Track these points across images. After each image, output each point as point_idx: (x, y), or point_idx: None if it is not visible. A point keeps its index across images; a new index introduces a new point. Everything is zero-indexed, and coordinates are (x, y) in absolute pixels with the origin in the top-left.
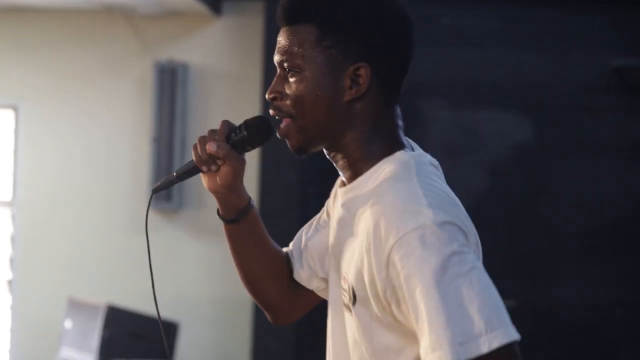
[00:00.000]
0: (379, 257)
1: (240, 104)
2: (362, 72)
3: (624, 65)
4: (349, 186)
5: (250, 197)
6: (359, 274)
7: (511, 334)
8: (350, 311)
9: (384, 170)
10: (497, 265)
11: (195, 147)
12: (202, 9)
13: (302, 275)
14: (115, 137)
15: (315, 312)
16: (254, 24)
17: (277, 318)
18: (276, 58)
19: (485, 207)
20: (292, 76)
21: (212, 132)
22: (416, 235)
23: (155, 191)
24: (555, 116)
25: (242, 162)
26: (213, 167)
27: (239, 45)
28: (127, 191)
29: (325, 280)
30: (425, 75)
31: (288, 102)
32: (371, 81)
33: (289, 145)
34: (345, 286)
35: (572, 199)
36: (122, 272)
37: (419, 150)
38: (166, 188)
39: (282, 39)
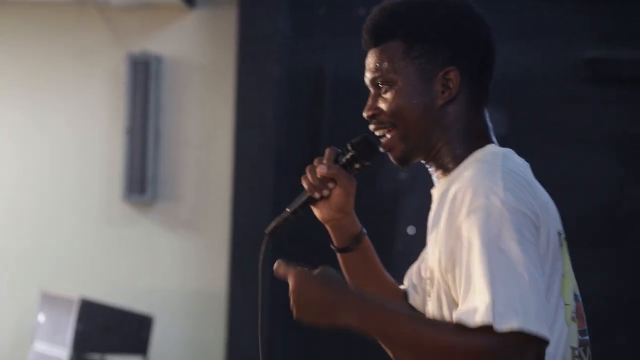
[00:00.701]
0: (452, 226)
1: (214, 96)
2: (451, 75)
3: (597, 56)
4: (441, 182)
5: (362, 226)
6: (435, 257)
7: (543, 330)
8: (430, 296)
9: (473, 159)
10: None
11: (305, 177)
12: (176, 0)
13: (417, 299)
14: (89, 130)
15: (288, 307)
16: (228, 16)
17: None
18: (368, 77)
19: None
20: (386, 91)
21: (319, 159)
22: (484, 211)
23: (271, 233)
24: (529, 107)
25: (353, 182)
26: (325, 192)
27: (213, 38)
28: (101, 184)
29: None
30: None
31: (387, 115)
32: (460, 83)
33: (392, 158)
34: (428, 274)
35: (546, 190)
36: (96, 266)
37: (510, 150)
38: (283, 227)
39: (370, 60)
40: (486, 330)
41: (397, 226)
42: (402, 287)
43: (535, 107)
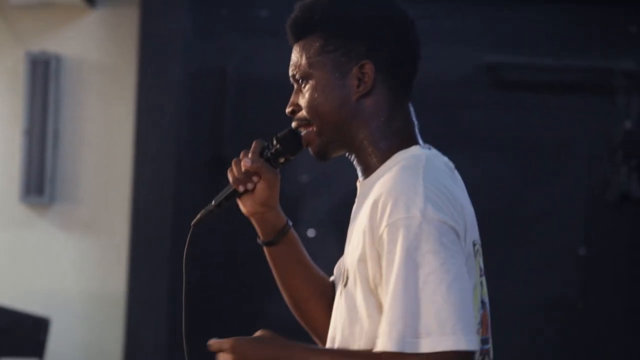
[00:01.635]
0: (370, 239)
1: (115, 96)
2: (366, 69)
3: (497, 61)
4: (365, 180)
5: (287, 218)
6: (354, 258)
7: (461, 343)
8: (340, 294)
9: (395, 161)
10: None
11: (230, 169)
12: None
13: None
14: None
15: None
16: (129, 15)
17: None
18: (290, 73)
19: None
20: (304, 87)
21: (245, 152)
22: (404, 224)
23: (195, 225)
24: (430, 112)
25: (277, 176)
26: (249, 185)
27: (114, 37)
28: None
29: None
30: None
31: (304, 111)
32: (376, 77)
33: (311, 152)
34: (343, 268)
35: None
36: None
37: (435, 151)
38: (207, 219)
39: (293, 55)
40: (408, 356)
41: (297, 229)
42: (331, 278)
43: (436, 111)
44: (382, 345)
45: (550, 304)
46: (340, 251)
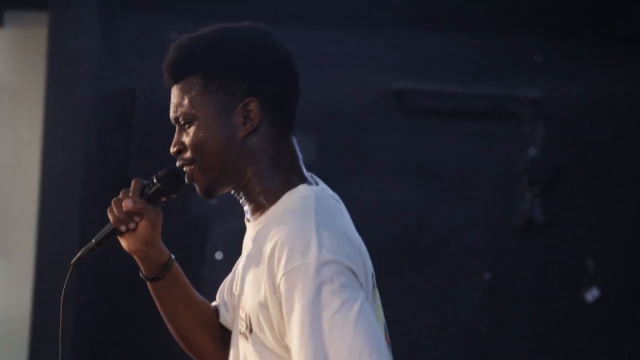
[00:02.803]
0: (270, 288)
1: (22, 116)
2: (251, 106)
3: (404, 87)
4: (256, 221)
5: (170, 253)
6: (255, 303)
7: None
8: (247, 339)
9: (286, 204)
10: None
11: (110, 209)
12: None
13: (227, 316)
14: None
15: (94, 331)
16: (37, 35)
17: None
18: (171, 115)
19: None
20: (188, 127)
21: (125, 191)
22: (300, 272)
23: (76, 263)
24: (339, 136)
25: (159, 214)
26: (131, 225)
27: (22, 57)
28: None
29: None
30: None
31: (189, 151)
32: (262, 114)
33: (197, 190)
34: (243, 315)
35: (352, 217)
36: None
37: (321, 184)
38: (87, 257)
39: (173, 97)
40: None
41: (205, 252)
42: (213, 303)
43: (346, 136)
44: None
45: (455, 328)
46: None
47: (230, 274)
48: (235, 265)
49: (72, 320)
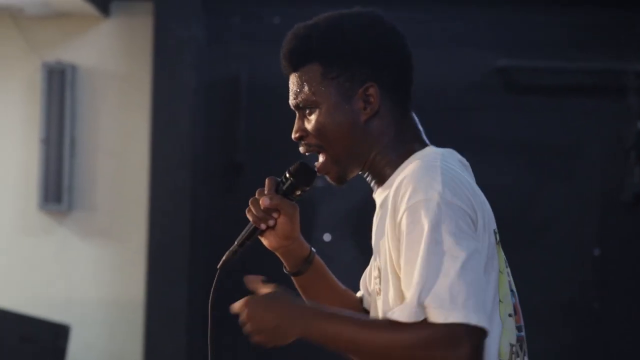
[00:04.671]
0: (394, 222)
1: (130, 104)
2: (371, 91)
3: (508, 65)
4: (380, 190)
5: (310, 246)
6: (386, 253)
7: (471, 318)
8: (380, 294)
9: (411, 161)
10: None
11: (249, 210)
12: (90, 9)
13: (371, 302)
14: (4, 139)
15: (205, 312)
16: (143, 25)
17: None
18: (291, 102)
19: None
20: (310, 114)
21: (260, 190)
22: (422, 206)
23: (222, 267)
24: (442, 116)
25: (296, 208)
26: (271, 222)
27: (128, 46)
28: (16, 193)
29: None
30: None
31: (313, 138)
32: (381, 97)
33: (329, 180)
34: (376, 273)
35: None
36: (11, 275)
37: (449, 149)
38: (232, 260)
39: (292, 84)
40: (418, 324)
41: (314, 234)
42: (358, 294)
43: (449, 115)
44: (396, 313)
45: (567, 305)
46: (356, 254)
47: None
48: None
49: (185, 303)
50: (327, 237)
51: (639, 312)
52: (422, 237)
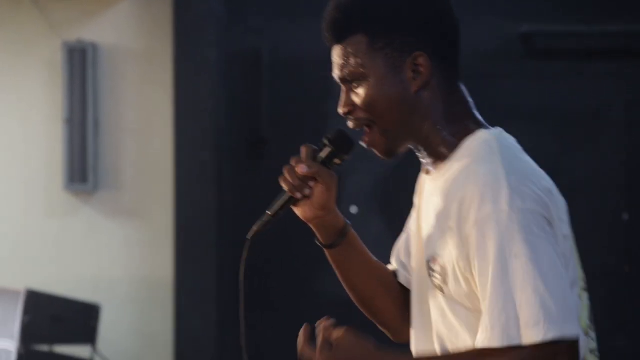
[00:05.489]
0: (461, 236)
1: (152, 82)
2: (420, 61)
3: (531, 31)
4: (439, 172)
5: (345, 218)
6: (451, 255)
7: (567, 330)
8: (444, 292)
9: (468, 150)
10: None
11: (284, 178)
12: None
13: (407, 277)
14: (28, 120)
15: (237, 291)
16: (163, 3)
17: (399, 335)
18: (337, 75)
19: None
20: (357, 87)
21: (296, 158)
22: (492, 219)
23: (252, 237)
24: (464, 83)
25: (334, 177)
26: (307, 191)
27: (148, 23)
28: (42, 174)
29: None
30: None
31: (362, 111)
32: (431, 67)
33: (377, 153)
34: (437, 267)
35: None
36: (40, 256)
37: (499, 130)
38: (263, 230)
39: (336, 57)
40: (512, 349)
41: (340, 206)
42: (390, 267)
43: (471, 82)
44: (484, 341)
45: (597, 270)
46: (382, 228)
47: (403, 235)
48: (407, 225)
49: (215, 280)
50: (353, 209)
51: None
52: (497, 254)
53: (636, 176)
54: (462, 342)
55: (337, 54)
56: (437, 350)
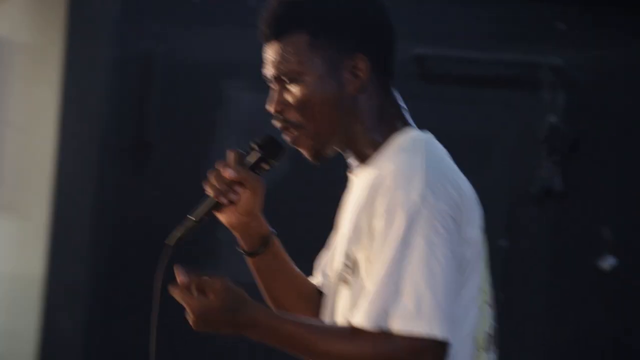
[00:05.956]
0: (369, 220)
1: (40, 77)
2: (359, 63)
3: (425, 54)
4: (361, 172)
5: (269, 226)
6: (358, 236)
7: (435, 330)
8: (350, 285)
9: (395, 145)
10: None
11: (209, 182)
12: None
13: (330, 289)
14: None
15: (109, 290)
16: None
17: None
18: (270, 73)
19: (288, 191)
20: (292, 85)
21: (222, 162)
22: (401, 207)
23: (172, 244)
24: None
25: (262, 183)
26: (233, 196)
27: (40, 17)
28: None
29: None
30: (229, 56)
31: (295, 111)
32: (369, 70)
33: (306, 155)
34: (349, 262)
35: None
36: None
37: (430, 134)
38: (186, 237)
39: (272, 53)
40: (380, 335)
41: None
42: (313, 280)
43: None
44: (358, 319)
45: None
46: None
47: (327, 250)
48: (330, 239)
49: (87, 281)
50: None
51: (542, 304)
52: (397, 241)
53: (517, 204)
54: None
55: (273, 51)
56: None
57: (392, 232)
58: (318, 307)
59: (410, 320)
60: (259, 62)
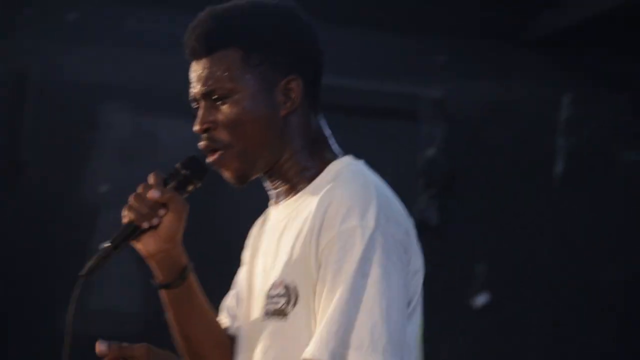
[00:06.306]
0: (317, 242)
1: None
2: (293, 85)
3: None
4: (292, 199)
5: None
6: (301, 271)
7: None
8: (285, 316)
9: (333, 173)
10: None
11: (129, 206)
12: None
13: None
14: None
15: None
16: None
17: None
18: (198, 90)
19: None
20: (222, 103)
21: (145, 185)
22: (356, 233)
23: (85, 276)
24: None
25: (186, 205)
26: (155, 221)
27: None
28: None
29: None
30: (105, 76)
31: (223, 129)
32: (303, 93)
33: (227, 177)
34: (280, 290)
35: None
36: None
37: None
38: (100, 266)
39: (201, 70)
40: None
41: (96, 244)
42: (223, 324)
43: None
44: (315, 352)
45: None
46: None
47: (232, 291)
48: (235, 281)
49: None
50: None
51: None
52: (351, 267)
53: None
54: None
55: (203, 67)
56: None
57: (348, 260)
58: (225, 346)
59: (360, 352)
60: (136, 84)
